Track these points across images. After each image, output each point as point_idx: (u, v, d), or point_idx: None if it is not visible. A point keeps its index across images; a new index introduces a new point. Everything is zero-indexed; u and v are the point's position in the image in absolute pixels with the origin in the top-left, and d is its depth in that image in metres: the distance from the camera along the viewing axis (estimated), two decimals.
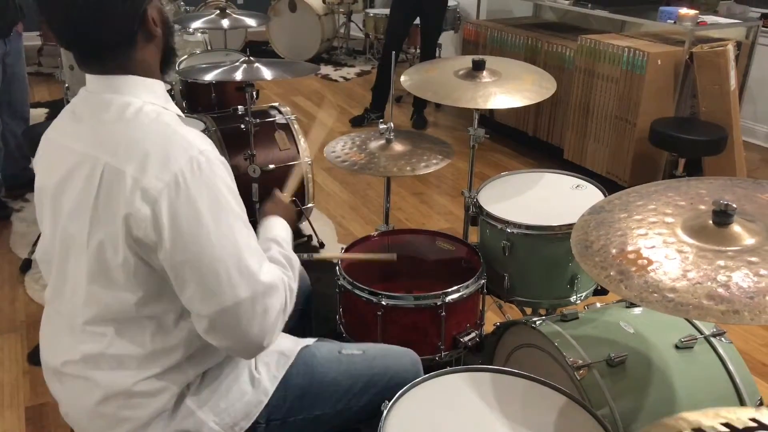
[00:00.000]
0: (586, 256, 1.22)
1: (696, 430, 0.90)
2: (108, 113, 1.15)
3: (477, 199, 2.10)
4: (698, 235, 1.18)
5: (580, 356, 1.52)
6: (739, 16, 3.73)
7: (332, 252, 2.99)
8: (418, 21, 4.67)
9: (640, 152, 3.55)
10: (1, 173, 3.43)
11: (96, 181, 1.12)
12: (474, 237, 2.18)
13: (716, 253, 1.13)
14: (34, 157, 1.29)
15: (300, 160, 2.98)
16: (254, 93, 2.69)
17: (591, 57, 3.71)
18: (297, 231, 3.25)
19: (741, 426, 0.89)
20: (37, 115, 4.63)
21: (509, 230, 1.96)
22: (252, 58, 2.58)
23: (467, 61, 2.20)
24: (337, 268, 1.90)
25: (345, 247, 2.06)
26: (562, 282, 1.99)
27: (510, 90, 2.09)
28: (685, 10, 3.49)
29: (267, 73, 2.51)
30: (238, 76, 2.48)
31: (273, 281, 1.17)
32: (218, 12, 3.56)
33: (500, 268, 2.02)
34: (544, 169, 2.31)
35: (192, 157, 1.10)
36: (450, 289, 1.80)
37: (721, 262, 1.10)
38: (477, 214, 2.09)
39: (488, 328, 1.92)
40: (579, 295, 2.02)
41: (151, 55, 1.20)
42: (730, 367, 1.58)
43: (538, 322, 1.64)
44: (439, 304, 1.78)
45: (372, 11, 6.35)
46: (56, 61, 5.71)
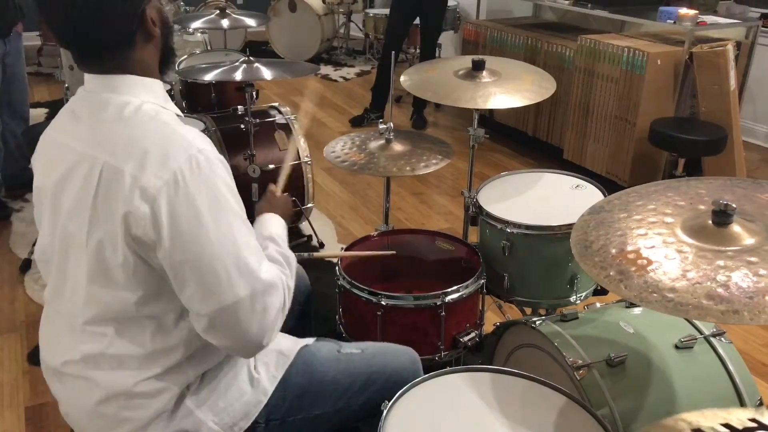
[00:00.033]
0: (586, 256, 1.22)
1: (696, 431, 0.90)
2: (106, 112, 1.15)
3: (477, 199, 2.10)
4: (698, 235, 1.18)
5: (580, 356, 1.52)
6: (739, 16, 3.73)
7: (332, 251, 2.98)
8: (417, 21, 4.67)
9: (639, 152, 3.55)
10: (1, 173, 3.43)
11: (95, 180, 1.12)
12: (474, 237, 2.18)
13: (716, 253, 1.13)
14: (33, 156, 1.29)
15: (300, 160, 2.98)
16: (254, 93, 2.69)
17: (591, 57, 3.71)
18: (297, 231, 3.25)
19: (741, 426, 0.88)
20: (37, 115, 4.63)
21: (509, 230, 1.96)
22: (252, 58, 2.58)
23: (467, 61, 2.20)
24: (337, 267, 1.90)
25: (345, 247, 2.06)
26: (562, 282, 1.99)
27: (510, 90, 2.09)
28: (684, 10, 3.49)
29: (267, 73, 2.51)
30: (238, 76, 2.48)
31: (272, 279, 1.17)
32: (218, 12, 3.56)
33: (500, 268, 2.02)
34: (544, 169, 2.31)
35: (191, 155, 1.10)
36: (450, 289, 1.80)
37: (721, 262, 1.10)
38: (477, 214, 2.09)
39: (488, 328, 1.92)
40: (579, 295, 2.02)
41: (149, 55, 1.20)
42: (730, 367, 1.58)
43: (537, 322, 1.64)
44: (438, 304, 1.78)
45: (372, 11, 6.35)
46: (56, 61, 5.71)
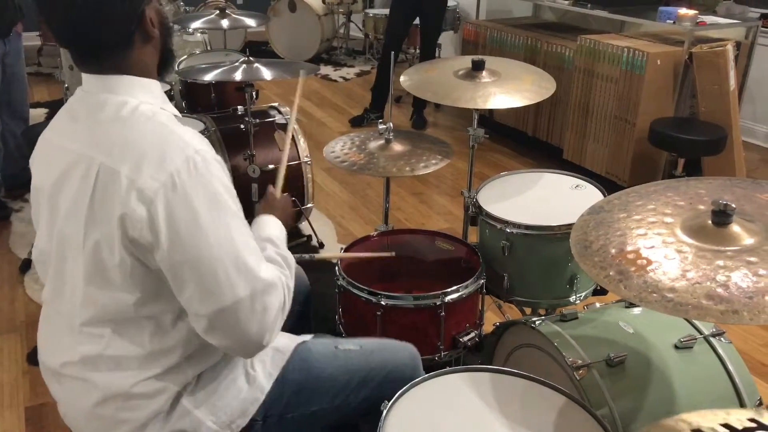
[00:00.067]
0: (586, 256, 1.22)
1: (695, 431, 0.90)
2: (104, 113, 1.15)
3: (476, 199, 2.10)
4: (697, 235, 1.18)
5: (580, 356, 1.52)
6: (739, 16, 3.73)
7: (332, 252, 2.99)
8: (417, 21, 4.67)
9: (639, 152, 3.55)
10: (1, 173, 3.43)
11: (91, 181, 1.11)
12: (473, 237, 2.18)
13: (715, 253, 1.13)
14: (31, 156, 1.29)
15: (299, 160, 2.98)
16: (254, 93, 2.69)
17: (590, 57, 3.71)
18: (297, 231, 3.25)
19: (740, 426, 0.89)
20: (37, 115, 4.62)
21: (509, 230, 1.96)
22: (251, 58, 2.58)
23: (467, 62, 2.20)
24: (337, 268, 1.90)
25: (344, 247, 2.06)
26: (562, 282, 1.99)
27: (509, 90, 2.09)
28: (684, 11, 3.49)
29: (266, 73, 2.50)
30: (238, 76, 2.48)
31: (272, 279, 1.17)
32: (218, 12, 3.56)
33: (500, 268, 2.02)
34: (544, 169, 2.31)
35: (188, 156, 1.10)
36: (449, 289, 1.80)
37: (721, 262, 1.10)
38: (476, 214, 2.09)
39: (488, 328, 1.92)
40: (578, 295, 2.02)
41: (147, 55, 1.19)
42: (730, 367, 1.58)
43: (537, 322, 1.64)
44: (438, 304, 1.78)
45: (371, 11, 6.35)
46: (56, 61, 5.71)
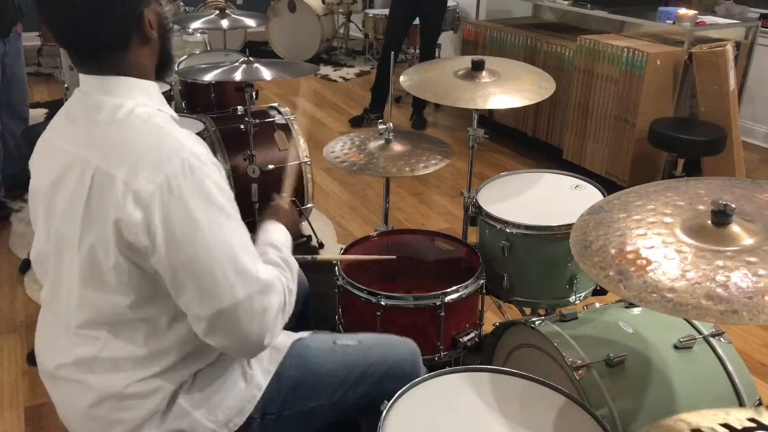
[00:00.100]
0: (585, 256, 1.22)
1: (695, 431, 0.90)
2: (100, 115, 1.15)
3: (476, 199, 2.10)
4: (697, 235, 1.18)
5: (579, 356, 1.52)
6: (738, 16, 3.73)
7: (332, 253, 2.99)
8: (417, 21, 4.67)
9: (639, 152, 3.55)
10: (1, 173, 3.43)
11: (87, 184, 1.11)
12: (473, 237, 2.18)
13: (715, 253, 1.13)
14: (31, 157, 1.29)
15: (299, 160, 2.98)
16: (254, 93, 2.69)
17: (590, 57, 3.71)
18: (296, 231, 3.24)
19: (740, 426, 0.88)
20: (37, 115, 4.62)
21: (508, 230, 1.96)
22: (251, 58, 2.58)
23: (466, 62, 2.20)
24: (337, 268, 1.90)
25: (344, 247, 2.06)
26: (562, 282, 1.99)
27: (509, 90, 2.09)
28: (684, 11, 3.49)
29: (266, 73, 2.50)
30: (238, 76, 2.48)
31: (270, 280, 1.17)
32: (217, 12, 3.56)
33: (499, 268, 2.02)
34: (544, 170, 2.31)
35: (184, 158, 1.10)
36: (449, 290, 1.80)
37: (720, 262, 1.10)
38: (476, 214, 2.09)
39: (487, 328, 1.92)
40: (578, 295, 2.02)
41: (145, 57, 1.19)
42: (729, 368, 1.58)
43: (537, 322, 1.64)
44: (438, 304, 1.78)
45: (371, 11, 6.36)
46: (55, 62, 5.71)
